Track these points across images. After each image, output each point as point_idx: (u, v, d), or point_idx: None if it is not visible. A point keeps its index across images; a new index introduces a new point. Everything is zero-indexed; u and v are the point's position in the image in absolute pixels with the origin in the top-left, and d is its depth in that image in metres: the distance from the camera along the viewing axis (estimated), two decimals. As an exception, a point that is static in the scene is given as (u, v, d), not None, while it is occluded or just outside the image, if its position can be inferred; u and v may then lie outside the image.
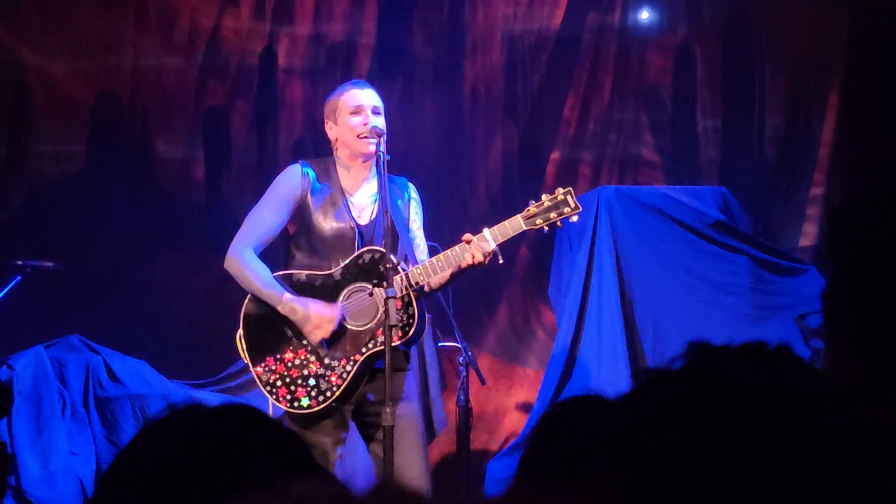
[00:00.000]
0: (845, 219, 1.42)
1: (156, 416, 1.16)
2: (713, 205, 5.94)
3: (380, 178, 4.18)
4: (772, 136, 7.19)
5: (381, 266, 4.13)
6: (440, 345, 5.88)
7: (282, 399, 4.18)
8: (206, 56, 7.04)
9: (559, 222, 4.21)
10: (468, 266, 4.12)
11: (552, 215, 4.19)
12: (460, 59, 7.21)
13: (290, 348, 4.21)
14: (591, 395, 1.59)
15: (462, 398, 5.41)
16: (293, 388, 4.17)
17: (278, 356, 4.21)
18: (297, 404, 4.17)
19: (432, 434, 5.77)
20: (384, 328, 3.96)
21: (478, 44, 7.23)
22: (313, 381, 4.16)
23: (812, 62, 7.16)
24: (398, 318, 4.02)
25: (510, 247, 6.57)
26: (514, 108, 7.26)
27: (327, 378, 4.16)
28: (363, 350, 4.17)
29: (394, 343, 4.00)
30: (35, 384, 5.47)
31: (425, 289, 4.24)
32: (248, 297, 4.26)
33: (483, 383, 5.71)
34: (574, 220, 4.23)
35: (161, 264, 6.86)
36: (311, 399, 4.16)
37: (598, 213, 5.82)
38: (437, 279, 4.20)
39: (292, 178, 4.33)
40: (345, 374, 4.16)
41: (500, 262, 4.17)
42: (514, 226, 4.17)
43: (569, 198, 4.21)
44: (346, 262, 4.22)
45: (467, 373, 5.45)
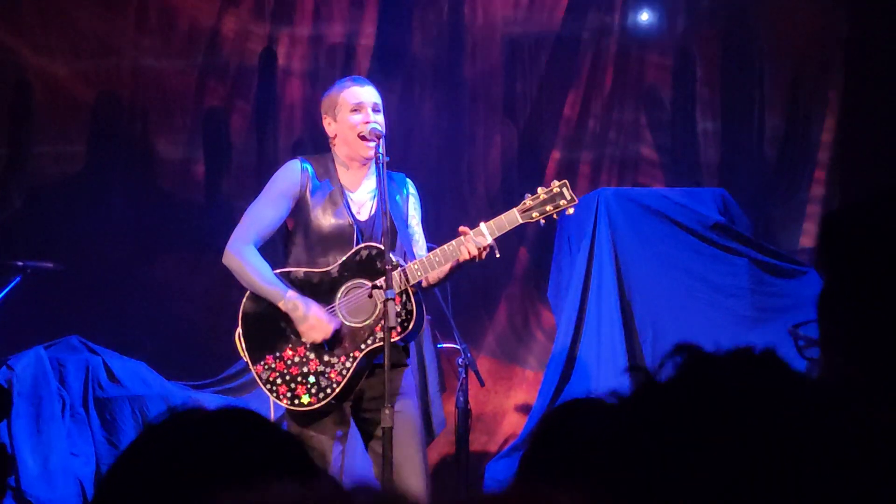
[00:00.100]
0: (839, 222, 1.43)
1: (155, 419, 1.16)
2: (713, 206, 5.93)
3: (379, 181, 4.16)
4: (772, 136, 7.19)
5: (378, 262, 4.13)
6: (439, 346, 5.88)
7: (282, 397, 4.16)
8: (206, 56, 7.04)
9: (555, 215, 4.17)
10: (465, 260, 4.11)
11: (548, 208, 4.15)
12: (460, 59, 7.21)
13: (290, 346, 4.20)
14: (590, 397, 1.60)
15: (461, 400, 5.41)
16: (293, 385, 4.16)
17: (278, 354, 4.20)
18: (297, 402, 4.15)
19: (431, 435, 5.77)
20: (383, 329, 3.96)
21: (477, 44, 7.22)
22: (313, 379, 4.15)
23: (812, 62, 7.16)
24: (396, 314, 4.01)
25: (510, 248, 6.58)
26: (514, 108, 7.26)
27: (327, 375, 4.15)
28: (362, 347, 4.16)
29: (392, 339, 4.00)
30: (35, 385, 5.46)
31: (423, 284, 4.22)
32: (247, 295, 4.25)
33: (482, 385, 5.71)
34: (570, 212, 4.19)
35: (161, 264, 6.86)
36: (311, 396, 4.15)
37: (597, 215, 5.81)
38: (435, 274, 4.18)
39: (291, 174, 4.31)
40: (344, 371, 4.15)
41: (497, 255, 4.14)
42: (510, 219, 4.14)
43: (564, 190, 4.17)
44: (343, 258, 4.21)
45: (466, 374, 5.45)
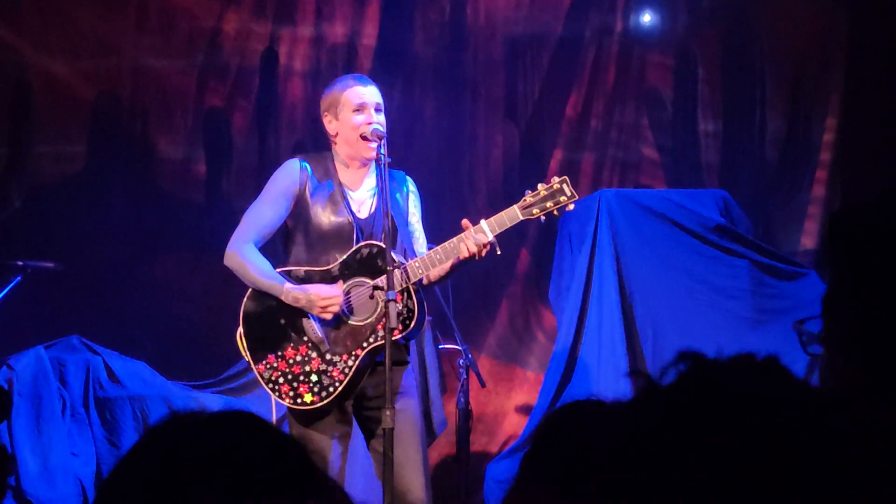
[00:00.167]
0: (844, 222, 1.42)
1: (157, 422, 1.16)
2: (714, 208, 5.93)
3: (380, 182, 4.16)
4: (773, 136, 7.19)
5: (379, 260, 4.13)
6: (440, 347, 5.88)
7: (285, 396, 4.16)
8: (206, 56, 7.04)
9: (556, 212, 4.17)
10: (466, 258, 4.09)
11: (549, 204, 4.15)
12: (461, 59, 7.21)
13: (291, 345, 4.20)
14: (591, 399, 1.59)
15: (462, 400, 5.41)
16: (296, 384, 4.16)
17: (279, 353, 4.20)
18: (300, 401, 4.14)
19: (432, 436, 5.77)
20: (385, 329, 3.96)
21: (479, 44, 7.23)
22: (315, 378, 4.15)
23: (812, 62, 7.16)
24: (398, 311, 4.01)
25: (511, 249, 6.58)
26: (515, 108, 7.26)
27: (329, 374, 4.15)
28: (364, 345, 4.16)
29: (394, 337, 3.99)
30: (35, 385, 5.46)
31: (424, 281, 4.22)
32: (248, 294, 4.25)
33: (483, 386, 5.70)
34: (570, 208, 4.18)
35: (161, 264, 6.86)
36: (313, 395, 4.14)
37: (598, 216, 5.81)
38: (436, 271, 4.18)
39: (291, 173, 4.31)
40: (346, 370, 4.14)
41: (499, 252, 4.14)
42: (511, 216, 4.14)
43: (564, 186, 4.16)
44: (344, 257, 4.20)
45: (467, 375, 5.45)
